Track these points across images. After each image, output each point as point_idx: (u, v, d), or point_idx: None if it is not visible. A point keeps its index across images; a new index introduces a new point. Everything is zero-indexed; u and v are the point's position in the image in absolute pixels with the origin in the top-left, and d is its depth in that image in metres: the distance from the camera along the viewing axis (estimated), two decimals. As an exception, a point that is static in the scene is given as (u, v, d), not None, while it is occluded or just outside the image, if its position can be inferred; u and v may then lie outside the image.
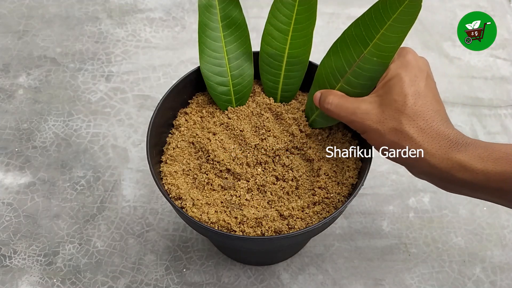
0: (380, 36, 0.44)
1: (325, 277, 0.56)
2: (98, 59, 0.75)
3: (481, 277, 0.57)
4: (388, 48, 0.44)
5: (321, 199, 0.47)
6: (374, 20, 0.43)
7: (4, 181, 0.63)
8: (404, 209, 0.61)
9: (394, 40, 0.43)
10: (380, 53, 0.44)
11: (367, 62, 0.45)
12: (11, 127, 0.68)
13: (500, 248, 0.58)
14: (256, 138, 0.50)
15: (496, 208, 0.61)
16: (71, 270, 0.56)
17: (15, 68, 0.74)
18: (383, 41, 0.44)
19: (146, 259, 0.57)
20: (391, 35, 0.43)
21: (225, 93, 0.51)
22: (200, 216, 0.45)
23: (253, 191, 0.47)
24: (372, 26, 0.44)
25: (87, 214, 0.60)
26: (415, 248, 0.58)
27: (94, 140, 0.66)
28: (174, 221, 0.60)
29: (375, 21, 0.43)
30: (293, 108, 0.52)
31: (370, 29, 0.44)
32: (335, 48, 0.47)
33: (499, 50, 0.78)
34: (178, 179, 0.47)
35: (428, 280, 0.56)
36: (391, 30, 0.43)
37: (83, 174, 0.63)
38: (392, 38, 0.43)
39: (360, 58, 0.45)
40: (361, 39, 0.45)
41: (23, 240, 0.58)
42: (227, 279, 0.56)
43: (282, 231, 0.45)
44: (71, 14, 0.81)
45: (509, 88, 0.73)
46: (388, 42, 0.43)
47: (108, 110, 0.69)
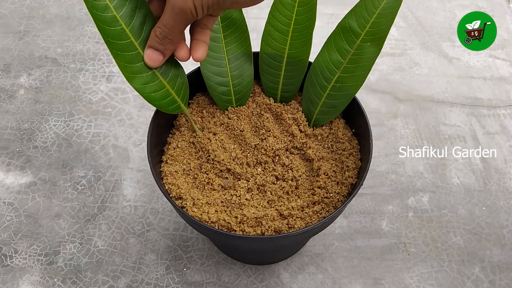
0: (371, 24, 0.46)
1: (325, 276, 0.57)
2: (99, 59, 0.75)
3: (480, 276, 0.57)
4: (380, 31, 0.46)
5: (320, 199, 0.47)
6: (364, 10, 0.46)
7: (5, 181, 0.63)
8: (403, 209, 0.61)
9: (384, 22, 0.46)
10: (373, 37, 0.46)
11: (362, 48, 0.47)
12: (12, 127, 0.68)
13: (499, 247, 0.59)
14: (256, 138, 0.50)
15: (495, 207, 0.62)
16: (72, 270, 0.57)
17: (16, 68, 0.74)
18: (375, 27, 0.46)
19: (147, 258, 0.57)
20: (381, 21, 0.46)
21: (225, 93, 0.51)
22: (201, 216, 0.45)
23: (253, 190, 0.48)
24: (363, 17, 0.46)
25: (88, 213, 0.61)
26: (414, 248, 0.59)
27: (95, 140, 0.67)
28: (175, 220, 0.60)
29: (365, 12, 0.46)
30: (293, 108, 0.52)
31: (361, 19, 0.46)
32: (329, 43, 0.48)
33: (498, 51, 0.78)
34: (179, 179, 0.48)
35: (427, 280, 0.56)
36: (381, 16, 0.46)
37: (84, 174, 0.64)
38: (383, 22, 0.46)
39: (354, 47, 0.47)
40: (353, 29, 0.47)
41: (24, 240, 0.59)
42: (227, 278, 0.56)
43: (282, 231, 0.45)
44: (72, 15, 0.81)
45: (508, 88, 0.73)
46: (379, 26, 0.46)
47: (109, 110, 0.70)
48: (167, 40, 0.40)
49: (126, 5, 0.40)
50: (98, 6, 0.39)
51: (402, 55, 0.77)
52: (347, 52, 0.47)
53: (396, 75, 0.75)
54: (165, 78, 0.43)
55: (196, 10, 0.37)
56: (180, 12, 0.37)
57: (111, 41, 0.40)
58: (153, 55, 0.40)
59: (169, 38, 0.39)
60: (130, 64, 0.41)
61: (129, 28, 0.40)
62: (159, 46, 0.40)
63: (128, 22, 0.40)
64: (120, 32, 0.40)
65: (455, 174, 0.64)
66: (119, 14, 0.40)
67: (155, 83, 0.43)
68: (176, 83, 0.44)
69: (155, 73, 0.42)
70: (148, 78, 0.42)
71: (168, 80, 0.43)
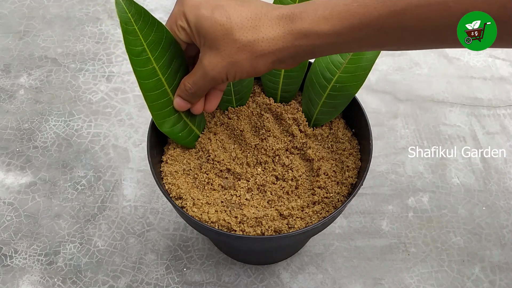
0: None
1: (325, 276, 0.57)
2: (99, 59, 0.75)
3: (480, 276, 0.57)
4: None
5: (320, 199, 0.47)
6: None
7: (5, 181, 0.63)
8: (403, 209, 0.61)
9: None
10: None
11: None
12: (12, 127, 0.68)
13: (499, 247, 0.59)
14: (256, 138, 0.50)
15: (495, 207, 0.62)
16: (72, 270, 0.57)
17: (16, 68, 0.74)
18: None
19: (147, 258, 0.57)
20: None
21: (225, 93, 0.51)
22: (201, 216, 0.45)
23: (253, 190, 0.48)
24: None
25: (88, 213, 0.61)
26: (414, 248, 0.59)
27: (95, 140, 0.67)
28: (175, 220, 0.60)
29: None
30: (293, 108, 0.52)
31: None
32: None
33: (498, 51, 0.78)
34: (179, 179, 0.48)
35: (427, 280, 0.56)
36: None
37: (84, 174, 0.64)
38: None
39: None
40: None
41: (24, 240, 0.59)
42: (227, 278, 0.56)
43: (282, 231, 0.45)
44: (72, 15, 0.81)
45: (508, 88, 0.74)
46: None
47: (109, 110, 0.70)
48: (195, 95, 0.44)
49: (165, 56, 0.42)
50: (139, 62, 0.42)
51: (402, 55, 0.77)
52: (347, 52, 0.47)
53: (396, 75, 0.75)
54: (187, 117, 0.47)
55: (228, 79, 0.40)
56: (211, 80, 0.41)
57: (148, 95, 0.43)
58: (182, 103, 0.44)
59: (197, 94, 0.44)
60: (161, 111, 0.44)
61: (165, 77, 0.43)
62: (187, 97, 0.44)
63: (164, 72, 0.43)
64: (156, 83, 0.43)
65: (455, 174, 0.64)
66: (158, 65, 0.42)
67: (180, 124, 0.46)
68: (196, 119, 0.48)
69: (180, 114, 0.46)
70: (174, 120, 0.46)
71: (190, 119, 0.47)
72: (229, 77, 0.40)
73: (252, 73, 0.40)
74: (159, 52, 0.42)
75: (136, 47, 0.41)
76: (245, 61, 0.38)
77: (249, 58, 0.38)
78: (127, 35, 0.40)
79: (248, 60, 0.38)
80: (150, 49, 0.41)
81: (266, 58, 0.38)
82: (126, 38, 0.40)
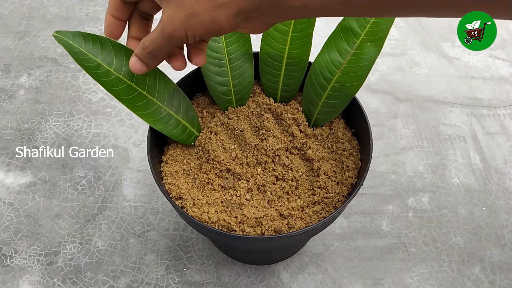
0: (371, 24, 0.47)
1: (325, 276, 0.57)
2: (99, 59, 0.75)
3: (480, 276, 0.57)
4: (380, 31, 0.47)
5: (320, 199, 0.47)
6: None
7: (5, 181, 0.63)
8: (403, 209, 0.61)
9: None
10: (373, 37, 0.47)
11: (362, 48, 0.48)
12: (12, 127, 0.68)
13: (499, 247, 0.59)
14: (256, 138, 0.50)
15: (495, 207, 0.62)
16: (72, 270, 0.57)
17: (16, 68, 0.74)
18: (375, 27, 0.47)
19: (147, 258, 0.57)
20: (381, 21, 0.47)
21: (226, 93, 0.51)
22: (201, 216, 0.45)
23: (253, 191, 0.48)
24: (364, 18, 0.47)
25: (88, 213, 0.61)
26: (414, 248, 0.59)
27: (95, 140, 0.67)
28: (175, 220, 0.60)
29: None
30: (293, 108, 0.52)
31: (361, 20, 0.47)
32: (329, 43, 0.49)
33: (498, 51, 0.78)
34: (179, 179, 0.48)
35: (427, 280, 0.56)
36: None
37: (84, 174, 0.64)
38: (383, 22, 0.47)
39: (354, 47, 0.47)
40: (353, 29, 0.47)
41: (24, 240, 0.59)
42: (227, 278, 0.56)
43: (282, 231, 0.45)
44: (72, 15, 0.81)
45: (508, 88, 0.74)
46: (379, 26, 0.47)
47: (109, 111, 0.70)
48: (152, 56, 0.39)
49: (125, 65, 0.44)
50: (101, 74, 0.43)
51: (402, 55, 0.77)
52: (347, 52, 0.47)
53: (396, 75, 0.75)
54: (178, 114, 0.47)
55: (187, 38, 0.37)
56: (168, 36, 0.37)
57: (123, 98, 0.44)
58: (137, 64, 0.41)
59: (154, 54, 0.39)
60: (145, 111, 0.45)
61: (134, 81, 0.44)
62: (144, 59, 0.40)
63: (131, 78, 0.44)
64: (127, 88, 0.44)
65: (455, 174, 0.64)
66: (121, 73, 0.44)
67: (172, 121, 0.47)
68: (188, 116, 0.49)
69: (170, 112, 0.47)
70: (166, 118, 0.47)
71: (182, 116, 0.48)
72: (188, 33, 0.37)
73: (214, 28, 0.37)
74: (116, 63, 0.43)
75: (90, 63, 0.42)
76: (205, 12, 0.36)
77: (209, 8, 0.36)
78: (77, 57, 0.42)
79: (208, 11, 0.36)
80: (107, 63, 0.43)
81: (227, 9, 0.36)
82: (77, 59, 0.42)
